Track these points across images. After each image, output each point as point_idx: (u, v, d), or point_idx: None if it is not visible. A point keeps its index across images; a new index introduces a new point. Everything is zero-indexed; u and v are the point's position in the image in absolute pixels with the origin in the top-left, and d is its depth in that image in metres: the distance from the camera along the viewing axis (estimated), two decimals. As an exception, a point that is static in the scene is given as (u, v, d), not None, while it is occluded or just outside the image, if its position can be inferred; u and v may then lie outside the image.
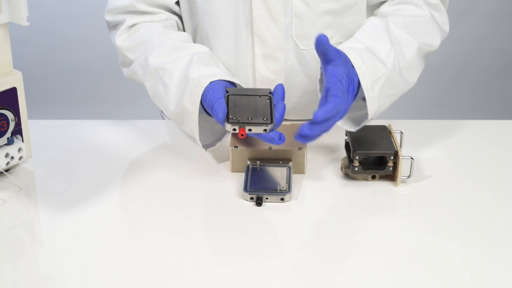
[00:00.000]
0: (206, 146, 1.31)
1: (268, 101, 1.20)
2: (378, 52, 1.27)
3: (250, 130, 1.15)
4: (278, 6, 1.34)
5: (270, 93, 1.22)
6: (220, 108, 1.17)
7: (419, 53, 1.33)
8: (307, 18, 1.36)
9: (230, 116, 1.16)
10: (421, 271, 1.04)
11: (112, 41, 1.42)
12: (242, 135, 1.15)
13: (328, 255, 1.08)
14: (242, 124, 1.15)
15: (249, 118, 1.16)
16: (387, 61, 1.26)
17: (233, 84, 1.27)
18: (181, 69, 1.29)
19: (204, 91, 1.22)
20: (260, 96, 1.20)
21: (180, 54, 1.31)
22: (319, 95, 1.23)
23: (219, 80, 1.24)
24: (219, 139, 1.33)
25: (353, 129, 1.27)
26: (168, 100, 1.29)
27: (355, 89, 1.22)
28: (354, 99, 1.23)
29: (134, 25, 1.39)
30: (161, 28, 1.37)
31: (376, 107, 1.25)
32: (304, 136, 1.17)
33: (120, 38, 1.39)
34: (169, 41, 1.34)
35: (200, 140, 1.27)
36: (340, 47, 1.25)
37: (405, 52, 1.31)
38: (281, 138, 1.19)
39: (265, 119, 1.16)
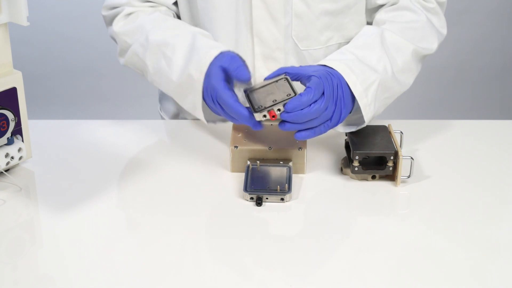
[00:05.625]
0: (208, 121, 1.29)
1: (285, 81, 1.21)
2: (368, 60, 1.27)
3: (279, 110, 1.17)
4: (278, 6, 1.34)
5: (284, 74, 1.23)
6: (240, 108, 1.17)
7: (415, 56, 1.33)
8: (307, 18, 1.36)
9: (256, 106, 1.17)
10: (421, 270, 1.04)
11: (110, 33, 1.41)
12: (273, 116, 1.17)
13: (328, 255, 1.08)
14: (269, 108, 1.17)
15: (274, 101, 1.18)
16: (377, 67, 1.26)
17: (239, 57, 1.24)
18: (187, 42, 1.28)
19: (205, 86, 1.21)
20: (277, 81, 1.21)
21: (182, 30, 1.31)
22: None
23: (223, 66, 1.21)
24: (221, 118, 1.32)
25: (347, 130, 1.28)
26: (172, 71, 1.27)
27: (344, 98, 1.21)
28: (351, 110, 1.24)
29: (132, 13, 1.38)
30: (158, 13, 1.37)
31: (372, 112, 1.25)
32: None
33: (118, 25, 1.38)
34: (170, 20, 1.34)
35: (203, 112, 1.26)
36: (326, 60, 1.25)
37: (400, 56, 1.31)
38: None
39: (288, 94, 1.17)
